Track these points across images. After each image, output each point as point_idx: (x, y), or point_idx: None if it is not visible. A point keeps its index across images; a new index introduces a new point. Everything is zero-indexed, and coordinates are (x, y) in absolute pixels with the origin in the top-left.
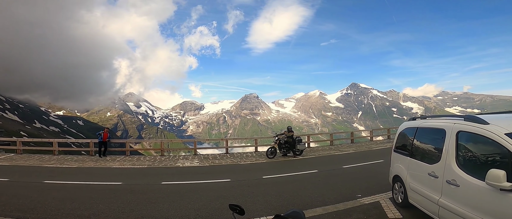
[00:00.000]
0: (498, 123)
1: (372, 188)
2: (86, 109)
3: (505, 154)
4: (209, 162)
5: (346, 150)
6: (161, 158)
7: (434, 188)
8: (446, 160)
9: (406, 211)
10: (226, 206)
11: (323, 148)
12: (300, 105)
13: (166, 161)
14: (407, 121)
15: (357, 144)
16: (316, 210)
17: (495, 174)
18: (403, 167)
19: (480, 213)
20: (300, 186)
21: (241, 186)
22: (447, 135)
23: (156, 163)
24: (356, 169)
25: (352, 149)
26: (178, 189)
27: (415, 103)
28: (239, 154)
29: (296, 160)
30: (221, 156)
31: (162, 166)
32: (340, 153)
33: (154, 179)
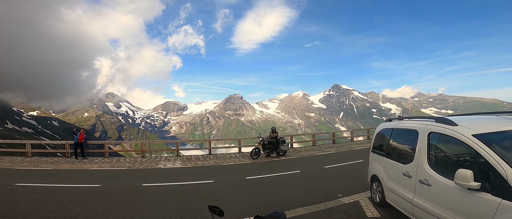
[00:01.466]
0: (466, 125)
1: (352, 187)
2: (62, 109)
3: (472, 155)
4: (192, 163)
5: (328, 151)
6: (142, 160)
7: (408, 188)
8: (418, 160)
9: (384, 210)
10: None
11: (306, 149)
12: (284, 106)
13: (147, 163)
14: (383, 122)
15: (338, 145)
16: (298, 210)
17: (463, 174)
18: (380, 167)
19: (450, 212)
20: (283, 187)
21: (224, 187)
22: (419, 136)
23: (137, 164)
24: (337, 169)
25: (334, 149)
26: (160, 191)
27: (393, 104)
28: (222, 155)
29: (279, 160)
30: (204, 157)
31: (143, 168)
32: (322, 153)
33: (135, 181)
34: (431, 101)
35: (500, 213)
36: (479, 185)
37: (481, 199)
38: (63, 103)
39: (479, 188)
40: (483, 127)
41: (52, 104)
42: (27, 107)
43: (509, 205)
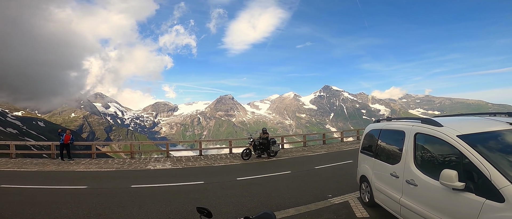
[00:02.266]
0: (451, 126)
1: (342, 188)
2: (49, 110)
3: (457, 155)
4: (182, 164)
5: (318, 151)
6: (131, 161)
7: (396, 188)
8: (405, 161)
9: (373, 211)
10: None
11: (297, 149)
12: (275, 106)
13: (136, 164)
14: (372, 123)
15: (328, 145)
16: (289, 211)
17: (448, 174)
18: (369, 168)
19: (436, 212)
20: (273, 187)
21: (214, 188)
22: (406, 137)
23: (126, 166)
24: (327, 170)
25: (324, 150)
26: (149, 192)
27: (382, 105)
28: (213, 156)
29: (270, 161)
30: (194, 158)
31: (132, 169)
32: (312, 154)
33: (123, 182)
34: (419, 102)
35: (484, 213)
36: (463, 185)
37: (465, 199)
38: (50, 103)
39: (464, 188)
40: (467, 128)
41: (38, 105)
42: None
43: (493, 205)
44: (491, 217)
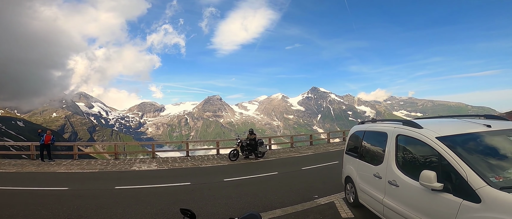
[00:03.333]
0: (430, 128)
1: (328, 189)
2: (30, 110)
3: (435, 156)
4: (168, 165)
5: (305, 152)
6: (115, 162)
7: (379, 188)
8: (387, 162)
9: (357, 211)
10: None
11: (284, 150)
12: (263, 107)
13: (120, 165)
14: (356, 125)
15: (315, 146)
16: (276, 212)
17: (426, 175)
18: (353, 169)
19: (417, 212)
20: (261, 188)
21: (201, 189)
22: (388, 138)
23: (109, 167)
24: (314, 171)
25: (311, 151)
26: (133, 194)
27: (368, 107)
28: (200, 157)
29: (257, 162)
30: (181, 159)
31: (116, 170)
32: (299, 155)
33: (107, 184)
34: (402, 104)
35: (461, 213)
36: (441, 186)
37: (444, 199)
38: (31, 103)
39: (442, 189)
40: (446, 130)
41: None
42: None
43: (469, 206)
44: (468, 217)
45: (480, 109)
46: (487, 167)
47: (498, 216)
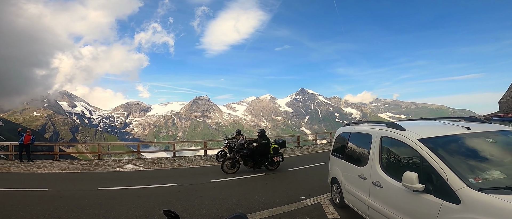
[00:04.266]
0: (413, 130)
1: (315, 189)
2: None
3: (417, 158)
4: (154, 166)
5: (293, 153)
6: (99, 163)
7: (364, 189)
8: (372, 163)
9: (343, 212)
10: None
11: None
12: (252, 108)
13: (104, 166)
14: (342, 126)
15: (303, 147)
16: (263, 213)
17: (409, 176)
18: (339, 170)
19: (400, 213)
20: (248, 189)
21: (188, 190)
22: (373, 140)
23: (92, 167)
24: (301, 172)
25: (298, 152)
26: (117, 195)
27: (354, 109)
28: (187, 158)
29: None
30: (168, 159)
31: (99, 171)
32: (287, 156)
33: (89, 185)
34: (387, 106)
35: (442, 214)
36: (423, 187)
37: (425, 200)
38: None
39: (423, 190)
40: (427, 132)
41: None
42: None
43: (450, 207)
44: (449, 218)
45: (461, 112)
46: (466, 169)
47: (477, 217)
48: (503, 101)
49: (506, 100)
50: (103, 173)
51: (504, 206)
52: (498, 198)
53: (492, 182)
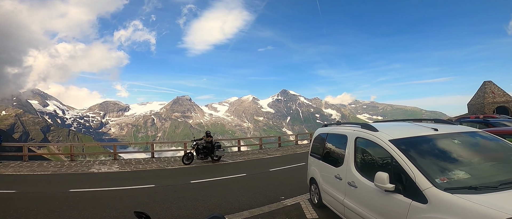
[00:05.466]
0: (385, 131)
1: (295, 190)
2: None
3: (388, 158)
4: (131, 167)
5: (274, 154)
6: (71, 164)
7: (340, 190)
8: (347, 164)
9: (321, 212)
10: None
11: (253, 152)
12: (234, 109)
13: (77, 167)
14: (320, 127)
15: (284, 148)
16: (243, 214)
17: (380, 177)
18: (317, 170)
19: (373, 212)
20: (228, 190)
21: (166, 191)
22: (348, 141)
23: (64, 169)
24: (281, 172)
25: (279, 152)
26: (90, 197)
27: (334, 110)
28: (166, 159)
29: (226, 164)
30: (146, 160)
31: (72, 172)
32: (268, 156)
33: (60, 187)
34: (365, 107)
35: (411, 213)
36: (393, 187)
37: (396, 200)
38: None
39: (394, 190)
40: (398, 133)
41: None
42: None
43: (418, 206)
44: (417, 217)
45: (433, 113)
46: (433, 169)
47: (443, 217)
48: (472, 103)
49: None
50: (75, 174)
51: (467, 206)
52: (462, 198)
53: (457, 182)
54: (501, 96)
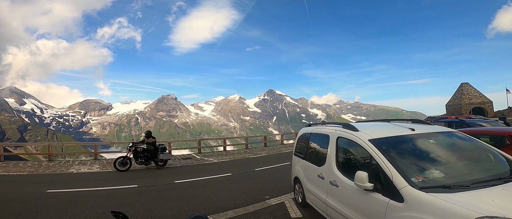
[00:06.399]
0: (365, 131)
1: (279, 189)
2: None
3: (368, 158)
4: (112, 167)
5: (259, 153)
6: (49, 164)
7: (322, 189)
8: (329, 163)
9: (305, 211)
10: (130, 213)
11: (239, 151)
12: (220, 108)
13: (55, 167)
14: (304, 127)
15: (269, 147)
16: (228, 213)
17: (360, 176)
18: (301, 170)
19: (354, 211)
20: (213, 190)
21: (150, 191)
22: (330, 140)
23: (42, 169)
24: (267, 171)
25: (265, 152)
26: (69, 197)
27: (319, 110)
28: None
29: (211, 163)
30: None
31: (50, 173)
32: (253, 156)
33: (37, 187)
34: (349, 108)
35: (389, 212)
36: (372, 186)
37: (374, 199)
38: None
39: (373, 189)
40: (377, 133)
41: None
42: None
43: (395, 205)
44: (394, 216)
45: (413, 114)
46: (409, 168)
47: (418, 215)
48: (450, 104)
49: (452, 103)
50: (53, 175)
51: (440, 205)
52: (436, 197)
53: (432, 181)
54: (477, 97)
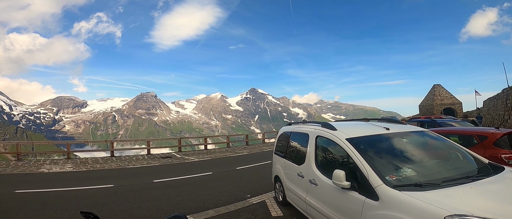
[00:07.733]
0: (342, 130)
1: (260, 188)
2: None
3: (345, 156)
4: (87, 167)
5: (241, 152)
6: (18, 163)
7: (302, 187)
8: (308, 162)
9: (286, 209)
10: (105, 213)
11: (220, 150)
12: (201, 106)
13: (24, 167)
14: (285, 126)
15: (251, 146)
16: (208, 213)
17: (337, 174)
18: (281, 168)
19: (332, 210)
20: (193, 189)
21: (126, 191)
22: (309, 139)
23: (10, 168)
24: (248, 170)
25: (247, 151)
26: (39, 198)
27: (301, 109)
28: (128, 157)
29: (191, 162)
30: (104, 159)
31: (19, 172)
32: (235, 154)
33: (4, 187)
34: (329, 107)
35: (365, 210)
36: (349, 184)
37: (351, 197)
38: None
39: (350, 187)
40: (354, 132)
41: None
42: None
43: (371, 203)
44: (370, 214)
45: (390, 114)
46: (384, 167)
47: (391, 213)
48: (423, 104)
49: (425, 103)
50: (22, 174)
51: (412, 202)
52: (407, 195)
53: (405, 179)
54: (448, 98)
